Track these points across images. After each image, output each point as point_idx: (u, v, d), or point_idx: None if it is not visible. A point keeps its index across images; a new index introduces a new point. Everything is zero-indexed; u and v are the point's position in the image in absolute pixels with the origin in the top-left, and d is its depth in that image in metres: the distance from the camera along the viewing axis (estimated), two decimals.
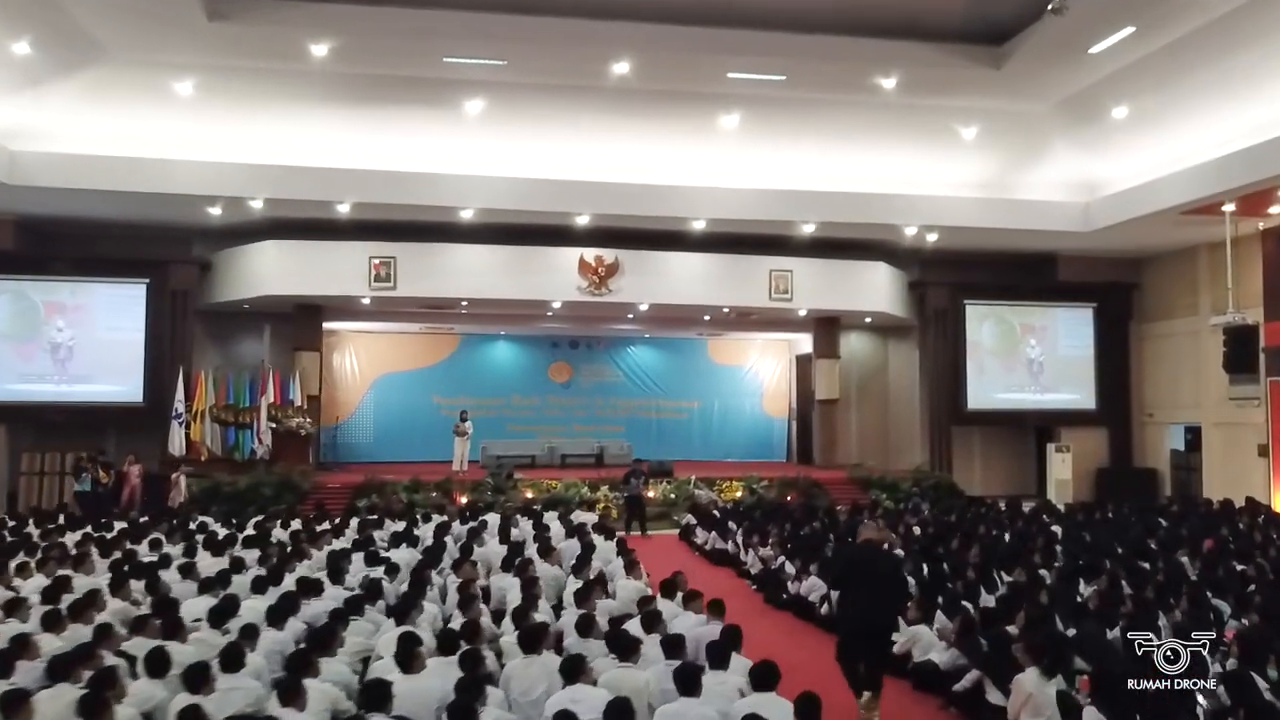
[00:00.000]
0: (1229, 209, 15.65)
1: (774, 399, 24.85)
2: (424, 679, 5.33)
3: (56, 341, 17.68)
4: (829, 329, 21.08)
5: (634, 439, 22.75)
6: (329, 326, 20.92)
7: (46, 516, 13.23)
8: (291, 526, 12.11)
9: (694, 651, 6.15)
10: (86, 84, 14.25)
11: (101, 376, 17.78)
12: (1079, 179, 17.68)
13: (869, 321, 21.84)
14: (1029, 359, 20.91)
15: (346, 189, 16.33)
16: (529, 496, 17.10)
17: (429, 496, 16.82)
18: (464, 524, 12.52)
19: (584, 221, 17.68)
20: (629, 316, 20.71)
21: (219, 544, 10.12)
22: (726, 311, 20.09)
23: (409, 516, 13.30)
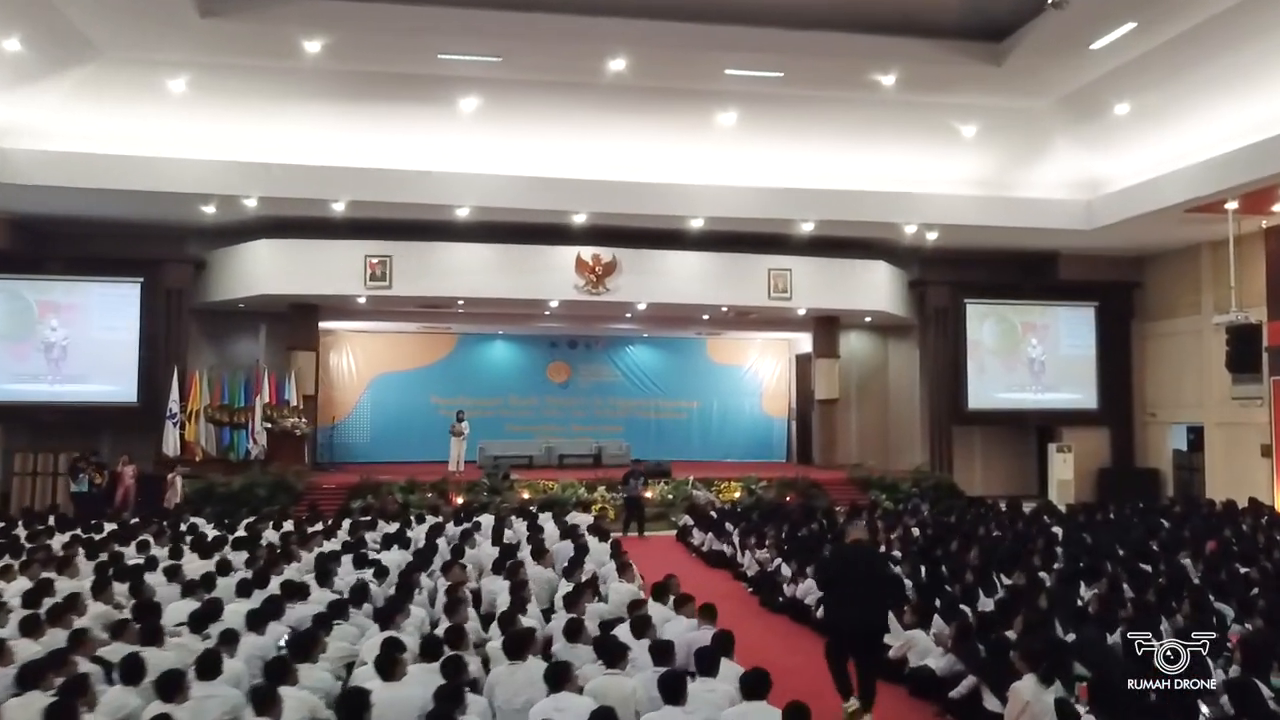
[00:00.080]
0: (1232, 207, 15.50)
1: (773, 399, 24.72)
2: (405, 686, 5.19)
3: (50, 341, 17.57)
4: (828, 328, 20.94)
5: (633, 439, 22.62)
6: (326, 326, 20.82)
7: (37, 518, 13.10)
8: (284, 528, 11.99)
9: (685, 657, 6.02)
10: (79, 81, 14.17)
11: (96, 376, 17.66)
12: (1080, 176, 17.52)
13: (869, 321, 21.71)
14: (1030, 358, 20.76)
15: (341, 187, 16.20)
16: (525, 497, 16.97)
17: (424, 497, 16.69)
18: (458, 525, 12.40)
19: (581, 220, 17.54)
20: (627, 316, 20.58)
21: (208, 546, 9.98)
22: (725, 311, 19.96)
23: (403, 518, 13.18)
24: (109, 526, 12.10)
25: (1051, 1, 11.89)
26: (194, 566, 9.01)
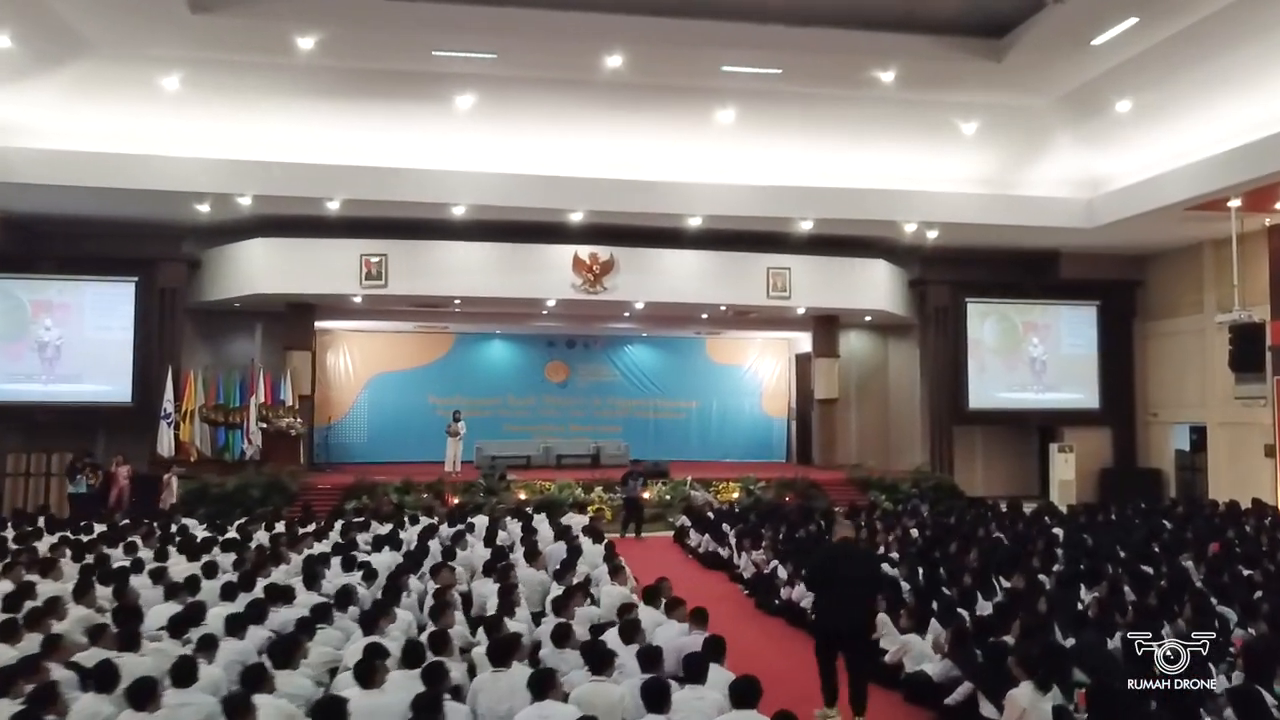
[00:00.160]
0: (1235, 205, 15.35)
1: (773, 398, 24.56)
2: (384, 694, 5.05)
3: (44, 341, 17.47)
4: (828, 327, 20.79)
5: (631, 439, 22.47)
6: (323, 325, 20.71)
7: (27, 519, 12.98)
8: (275, 529, 11.85)
9: (675, 663, 5.88)
10: (71, 78, 14.03)
11: (90, 376, 17.55)
12: (1082, 174, 17.36)
13: (869, 320, 21.56)
14: (1031, 358, 20.61)
15: (336, 185, 16.06)
16: (522, 498, 16.83)
17: (419, 498, 16.55)
18: (451, 527, 12.26)
19: (578, 218, 17.40)
20: (625, 315, 20.44)
21: (196, 548, 9.84)
22: (724, 310, 19.82)
23: (396, 519, 13.04)
24: (99, 528, 11.96)
25: None
26: (180, 569, 8.87)
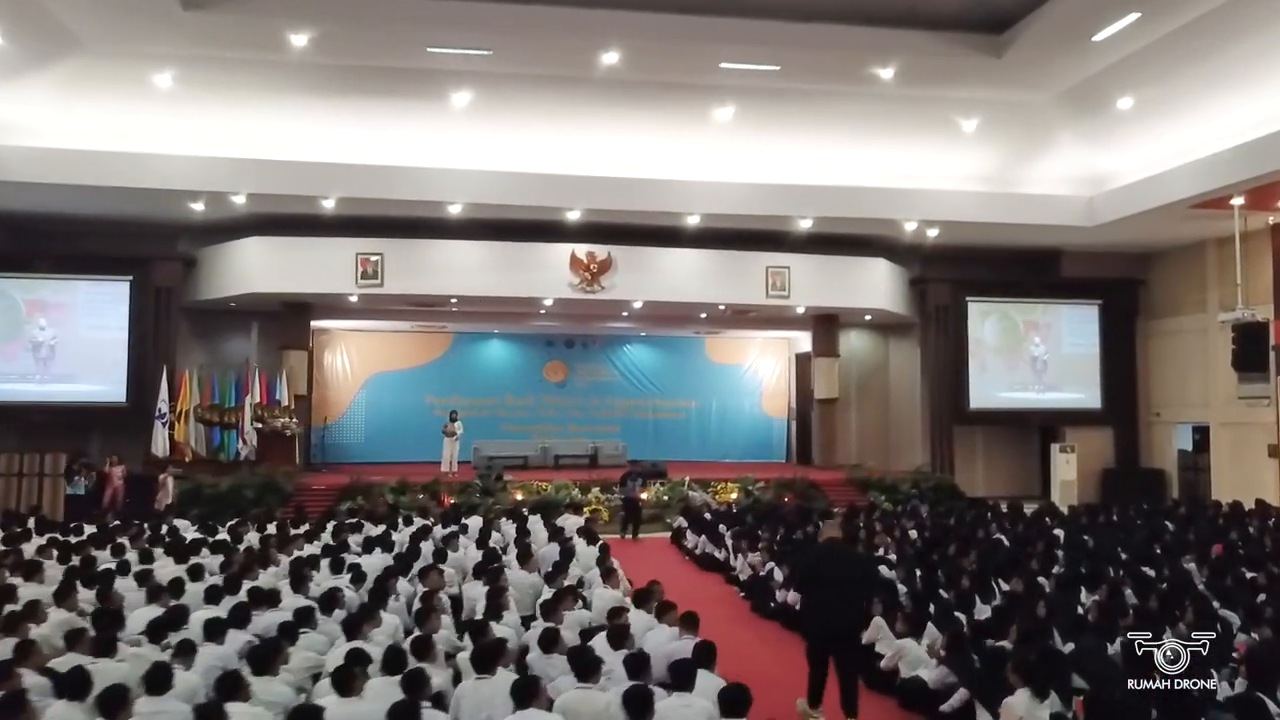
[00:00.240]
0: (1238, 203, 15.22)
1: (773, 398, 24.41)
2: (362, 702, 4.91)
3: (38, 340, 17.37)
4: (828, 327, 20.64)
5: (630, 439, 22.34)
6: (320, 325, 20.60)
7: (17, 520, 12.86)
8: (267, 531, 11.72)
9: (662, 670, 5.74)
10: (63, 76, 13.95)
11: (84, 376, 17.45)
12: (1083, 172, 17.21)
13: (869, 319, 21.40)
14: (1033, 357, 20.45)
15: (331, 184, 15.97)
16: (518, 498, 16.70)
17: (415, 499, 16.42)
18: (445, 528, 12.12)
19: (575, 217, 17.27)
20: (623, 314, 20.30)
21: (183, 550, 9.71)
22: (723, 309, 19.68)
23: (390, 520, 12.89)
24: (89, 529, 11.82)
25: None
26: (167, 571, 8.72)
